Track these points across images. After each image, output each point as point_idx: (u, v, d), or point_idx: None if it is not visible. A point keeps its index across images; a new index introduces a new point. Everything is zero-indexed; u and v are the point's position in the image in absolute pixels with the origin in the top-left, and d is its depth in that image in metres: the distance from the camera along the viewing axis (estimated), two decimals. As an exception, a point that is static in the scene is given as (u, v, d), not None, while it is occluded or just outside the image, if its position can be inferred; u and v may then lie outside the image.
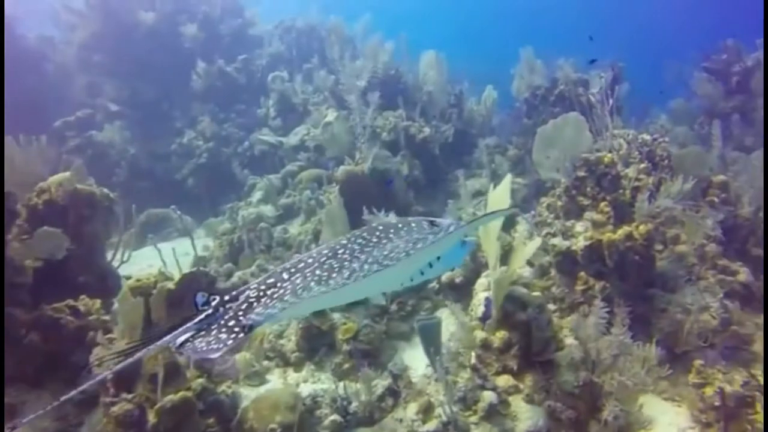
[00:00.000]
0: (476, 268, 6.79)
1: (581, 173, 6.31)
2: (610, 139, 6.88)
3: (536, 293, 5.57)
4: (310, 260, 2.77)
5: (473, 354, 5.21)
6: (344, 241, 2.89)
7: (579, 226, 6.17)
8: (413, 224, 3.00)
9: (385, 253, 2.63)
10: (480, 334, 5.24)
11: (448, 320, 6.08)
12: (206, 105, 13.67)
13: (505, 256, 5.63)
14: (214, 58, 13.95)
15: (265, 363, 6.12)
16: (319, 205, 9.33)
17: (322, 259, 2.72)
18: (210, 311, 2.48)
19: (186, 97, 13.94)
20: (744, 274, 6.41)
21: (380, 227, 2.97)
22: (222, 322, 2.41)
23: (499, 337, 5.16)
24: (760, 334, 5.94)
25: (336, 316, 6.10)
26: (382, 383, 5.28)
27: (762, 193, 7.29)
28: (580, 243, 5.90)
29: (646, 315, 6.02)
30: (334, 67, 12.60)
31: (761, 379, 5.08)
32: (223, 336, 2.32)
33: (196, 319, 2.44)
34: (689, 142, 11.79)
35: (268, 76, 13.57)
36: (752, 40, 11.38)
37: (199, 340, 2.31)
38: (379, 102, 11.15)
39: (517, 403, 4.98)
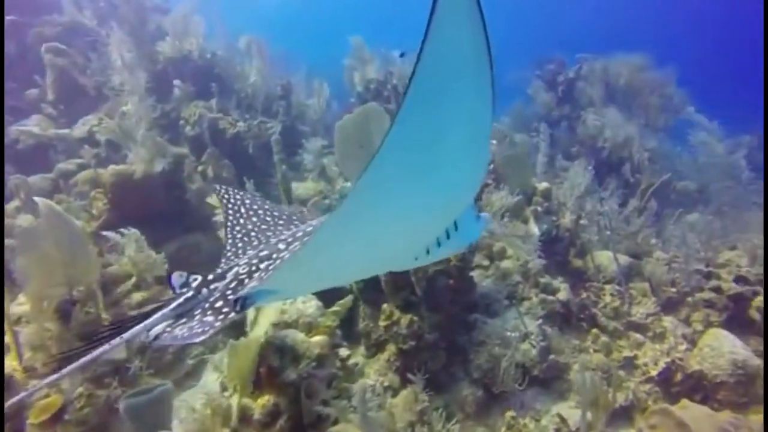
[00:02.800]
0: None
1: (389, 178, 5.15)
2: None
3: (318, 338, 4.22)
4: (310, 228, 2.48)
5: None
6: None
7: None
8: None
9: None
10: (236, 401, 3.71)
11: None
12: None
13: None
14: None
15: None
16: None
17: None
18: (190, 294, 2.16)
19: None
20: (564, 291, 5.84)
21: None
22: (206, 305, 2.07)
23: (261, 404, 3.69)
24: (579, 357, 5.38)
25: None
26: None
27: (579, 202, 6.97)
28: (384, 266, 4.70)
29: (466, 349, 5.09)
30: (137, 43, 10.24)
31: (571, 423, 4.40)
32: (209, 318, 1.98)
33: (174, 304, 2.09)
34: (524, 148, 11.96)
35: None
36: (576, 53, 11.71)
37: (180, 327, 1.96)
38: (191, 90, 9.25)
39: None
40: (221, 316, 2.00)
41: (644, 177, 9.05)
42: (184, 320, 2.04)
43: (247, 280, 2.17)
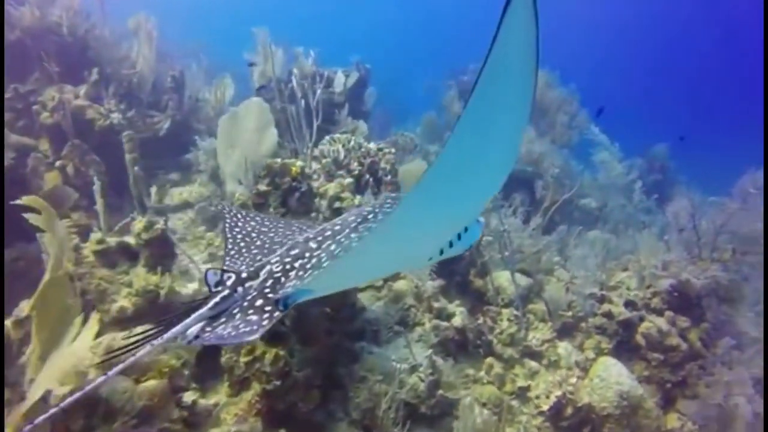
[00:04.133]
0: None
1: (263, 186, 4.43)
2: (310, 143, 5.21)
3: (150, 383, 3.38)
4: (338, 227, 2.49)
5: None
6: (369, 207, 2.66)
7: (255, 264, 4.26)
8: None
9: None
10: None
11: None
12: None
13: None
14: None
15: None
16: None
17: (353, 225, 2.44)
18: (226, 293, 2.13)
19: None
20: (460, 317, 5.43)
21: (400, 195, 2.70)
22: (245, 304, 2.06)
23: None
24: (471, 389, 4.96)
25: None
26: None
27: (483, 218, 6.64)
28: (247, 291, 3.96)
29: (346, 384, 4.47)
30: None
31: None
32: (254, 317, 1.97)
33: (211, 303, 2.06)
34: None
35: None
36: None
37: (222, 327, 1.95)
38: (55, 71, 7.90)
39: None
40: (266, 315, 1.99)
41: (549, 194, 9.05)
42: (223, 319, 2.01)
43: (283, 279, 2.17)
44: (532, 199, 9.52)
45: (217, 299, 2.10)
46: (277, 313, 2.02)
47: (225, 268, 2.48)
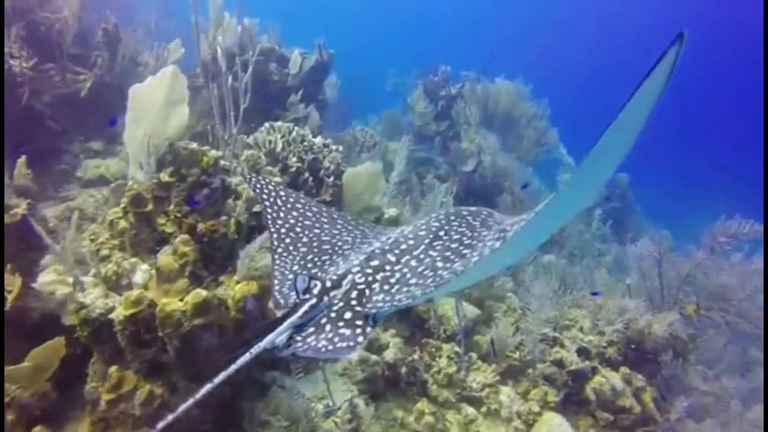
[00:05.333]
0: None
1: (165, 176, 3.54)
2: (234, 129, 4.34)
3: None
4: (411, 242, 2.50)
5: None
6: (436, 223, 2.64)
7: (140, 273, 3.37)
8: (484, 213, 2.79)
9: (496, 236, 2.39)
10: None
11: None
12: None
13: None
14: None
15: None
16: None
17: (427, 242, 2.49)
18: (314, 301, 2.13)
19: None
20: (393, 349, 4.72)
21: (464, 213, 2.75)
22: (333, 315, 2.06)
23: None
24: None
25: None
26: None
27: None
28: (121, 310, 3.07)
29: (245, 428, 3.67)
30: None
31: None
32: (347, 331, 1.98)
33: (301, 311, 2.06)
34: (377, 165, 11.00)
35: None
36: (462, 69, 11.03)
37: (313, 338, 1.97)
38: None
39: None
40: (359, 330, 2.00)
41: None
42: (312, 329, 2.02)
43: (367, 291, 2.19)
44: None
45: (306, 307, 2.09)
46: (369, 329, 2.02)
47: (305, 273, 2.45)
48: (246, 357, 1.84)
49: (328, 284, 2.21)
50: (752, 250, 4.77)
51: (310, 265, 2.56)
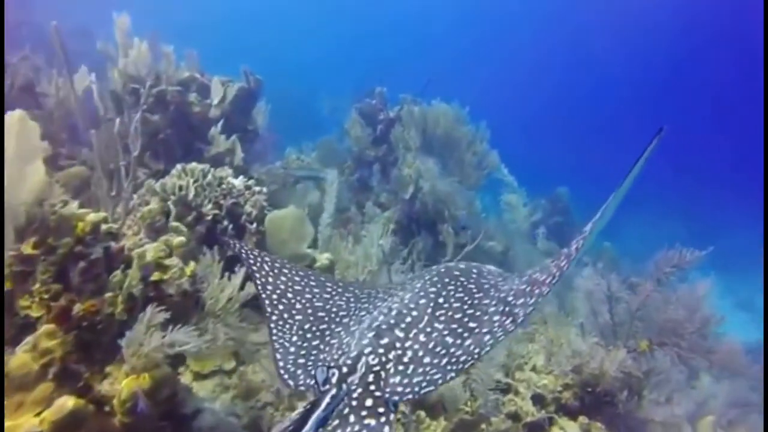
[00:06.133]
0: None
1: (28, 248, 2.86)
2: (126, 181, 3.71)
3: None
4: (414, 312, 2.44)
5: None
6: (432, 288, 2.58)
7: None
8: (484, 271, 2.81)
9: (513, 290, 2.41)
10: None
11: None
12: None
13: None
14: None
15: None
16: None
17: (429, 310, 2.45)
18: (334, 391, 2.05)
19: None
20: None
21: (456, 274, 2.71)
22: (354, 403, 2.01)
23: None
24: None
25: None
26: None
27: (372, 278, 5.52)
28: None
29: None
30: None
31: None
32: (372, 422, 1.94)
33: (323, 405, 1.97)
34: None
35: None
36: (400, 91, 10.75)
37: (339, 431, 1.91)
38: None
39: None
40: (383, 420, 1.96)
41: (450, 238, 8.19)
42: (336, 422, 1.94)
43: (383, 373, 2.14)
44: (435, 241, 8.68)
45: (327, 399, 2.00)
46: (392, 416, 1.99)
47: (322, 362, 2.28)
48: None
49: (345, 370, 2.15)
50: (695, 277, 4.67)
51: (309, 335, 2.47)
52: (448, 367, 2.12)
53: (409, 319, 2.40)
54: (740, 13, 29.45)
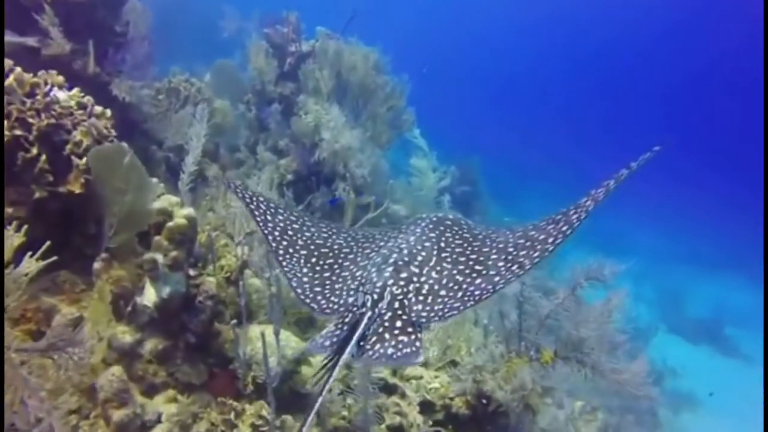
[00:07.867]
0: None
1: None
2: None
3: None
4: (424, 253, 2.58)
5: None
6: (433, 234, 2.71)
7: None
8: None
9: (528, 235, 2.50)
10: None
11: None
12: None
13: None
14: None
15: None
16: None
17: (435, 253, 2.59)
18: (370, 313, 2.27)
19: None
20: (166, 427, 3.20)
21: (448, 223, 2.82)
22: (387, 324, 2.24)
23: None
24: None
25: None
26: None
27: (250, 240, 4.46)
28: None
29: None
30: None
31: None
32: (405, 338, 2.16)
33: (363, 324, 2.21)
34: (229, 124, 8.98)
35: None
36: (316, 25, 9.26)
37: (379, 345, 2.15)
38: None
39: None
40: (413, 337, 2.14)
41: (352, 199, 7.30)
42: (375, 338, 2.15)
43: (405, 302, 2.31)
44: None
45: (365, 320, 2.20)
46: (420, 335, 2.18)
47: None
48: (337, 369, 1.97)
49: (375, 297, 2.31)
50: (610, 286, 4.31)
51: (318, 268, 2.63)
52: (465, 298, 2.27)
53: (420, 258, 2.53)
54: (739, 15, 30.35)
